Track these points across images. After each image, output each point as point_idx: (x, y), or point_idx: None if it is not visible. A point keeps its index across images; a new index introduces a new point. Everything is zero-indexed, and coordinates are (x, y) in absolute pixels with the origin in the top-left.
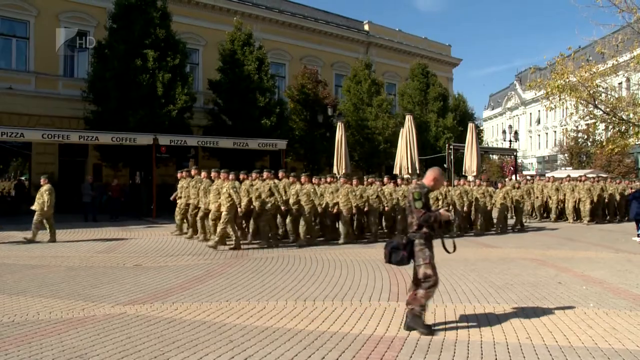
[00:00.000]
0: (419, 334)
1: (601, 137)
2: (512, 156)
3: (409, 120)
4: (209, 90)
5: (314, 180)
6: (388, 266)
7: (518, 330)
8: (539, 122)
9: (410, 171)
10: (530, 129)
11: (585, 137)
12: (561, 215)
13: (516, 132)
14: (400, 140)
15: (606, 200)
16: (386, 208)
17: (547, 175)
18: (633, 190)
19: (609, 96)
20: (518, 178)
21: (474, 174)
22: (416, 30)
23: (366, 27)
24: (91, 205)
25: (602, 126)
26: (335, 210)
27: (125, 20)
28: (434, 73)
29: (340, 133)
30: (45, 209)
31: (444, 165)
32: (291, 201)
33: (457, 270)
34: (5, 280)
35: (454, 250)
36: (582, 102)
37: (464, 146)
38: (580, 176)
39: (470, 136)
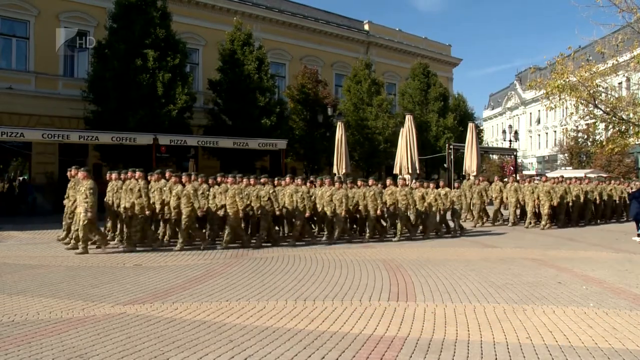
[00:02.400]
0: (419, 334)
1: (601, 137)
2: (512, 156)
3: (409, 120)
4: (209, 90)
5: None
6: (388, 266)
7: (518, 330)
8: (539, 122)
9: (410, 171)
10: (530, 128)
11: (585, 136)
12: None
13: (516, 132)
14: (401, 140)
15: (570, 202)
16: (277, 212)
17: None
18: (633, 190)
19: (609, 96)
20: (517, 177)
21: (474, 173)
22: (416, 30)
23: (366, 27)
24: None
25: (602, 126)
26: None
27: (125, 20)
28: (434, 73)
29: (340, 133)
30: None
31: (444, 165)
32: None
33: (457, 270)
34: (5, 280)
35: None
36: (582, 101)
37: (464, 146)
38: (570, 178)
39: (470, 136)
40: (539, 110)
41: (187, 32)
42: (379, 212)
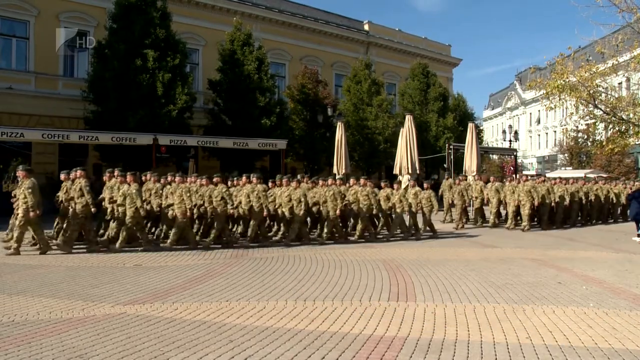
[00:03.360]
0: (419, 334)
1: (601, 137)
2: (512, 156)
3: (409, 120)
4: (208, 90)
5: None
6: (388, 266)
7: (518, 330)
8: (539, 122)
9: (410, 171)
10: (530, 128)
11: (585, 137)
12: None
13: (516, 132)
14: (400, 140)
15: (552, 203)
16: (230, 211)
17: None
18: (633, 191)
19: (609, 96)
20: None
21: (474, 173)
22: (416, 30)
23: (366, 27)
24: None
25: (602, 126)
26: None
27: (125, 20)
28: (434, 73)
29: (340, 133)
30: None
31: (444, 165)
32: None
33: (457, 270)
34: (5, 280)
35: None
36: (582, 102)
37: (464, 146)
38: (567, 178)
39: (470, 136)
40: (539, 111)
41: (187, 32)
42: (337, 212)
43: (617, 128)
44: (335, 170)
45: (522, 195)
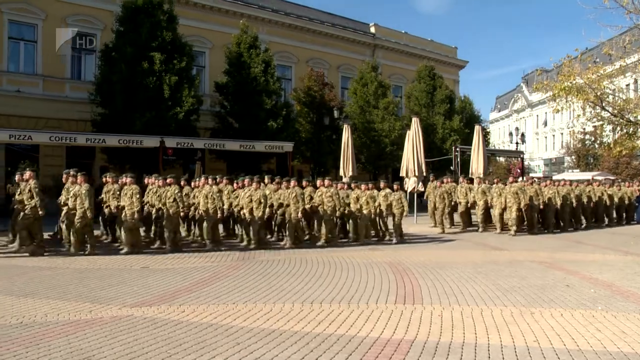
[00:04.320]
0: (426, 337)
1: (609, 139)
2: (519, 158)
3: (415, 122)
4: (215, 92)
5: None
6: (395, 269)
7: (526, 334)
8: (545, 124)
9: (417, 174)
10: (537, 131)
11: (593, 139)
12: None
13: (523, 134)
14: (407, 142)
15: (540, 205)
16: (182, 214)
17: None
18: None
19: (617, 98)
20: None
21: (481, 176)
22: (422, 32)
23: (372, 30)
24: None
25: (609, 128)
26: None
27: (132, 24)
28: (441, 75)
29: (346, 135)
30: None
31: (450, 167)
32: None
33: (464, 272)
34: (14, 282)
35: None
36: (589, 103)
37: (471, 148)
38: (564, 180)
39: (476, 138)
40: (546, 113)
41: (193, 35)
42: (299, 214)
43: (624, 130)
44: (341, 172)
45: (509, 196)
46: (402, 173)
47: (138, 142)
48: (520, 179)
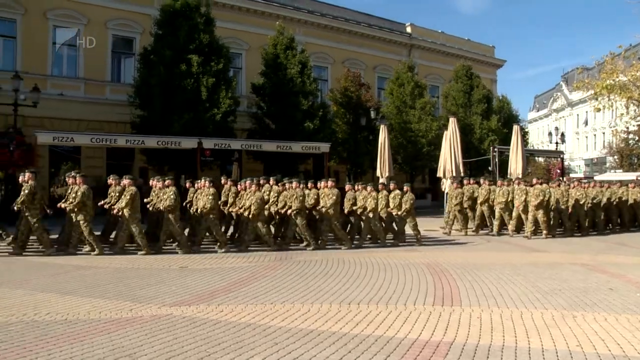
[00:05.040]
0: (465, 339)
1: None
2: (559, 158)
3: (452, 122)
4: (252, 94)
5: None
6: (432, 270)
7: (568, 337)
8: (586, 123)
9: (454, 174)
10: (578, 130)
11: (637, 138)
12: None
13: (562, 134)
14: (444, 142)
15: (568, 208)
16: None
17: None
18: None
19: None
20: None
21: (520, 176)
22: (459, 32)
23: (408, 30)
24: None
25: None
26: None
27: (170, 27)
28: (478, 75)
29: (383, 136)
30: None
31: (488, 168)
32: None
33: (503, 274)
34: (57, 281)
35: None
36: (633, 101)
37: (509, 149)
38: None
39: (515, 138)
40: (587, 112)
41: (230, 37)
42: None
43: None
44: (378, 173)
45: (533, 199)
46: (440, 174)
47: (176, 143)
48: (560, 179)
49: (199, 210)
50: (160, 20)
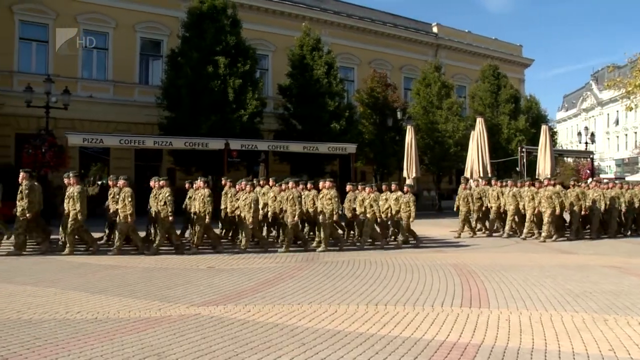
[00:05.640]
0: (493, 341)
1: None
2: (589, 159)
3: (480, 122)
4: (278, 95)
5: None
6: (460, 271)
7: (599, 341)
8: (617, 122)
9: (482, 174)
10: (608, 130)
11: None
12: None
13: (592, 134)
14: (471, 143)
15: (583, 210)
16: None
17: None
18: None
19: None
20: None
21: (548, 177)
22: (486, 31)
23: (435, 29)
24: None
25: None
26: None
27: (197, 29)
28: (505, 74)
29: (410, 136)
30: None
31: (516, 168)
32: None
33: (531, 276)
34: (88, 280)
35: None
36: None
37: (537, 149)
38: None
39: (543, 138)
40: (617, 111)
41: (257, 38)
42: (296, 218)
43: None
44: (405, 174)
45: (543, 201)
46: (467, 174)
47: (203, 144)
48: (589, 180)
49: (195, 212)
50: (187, 22)
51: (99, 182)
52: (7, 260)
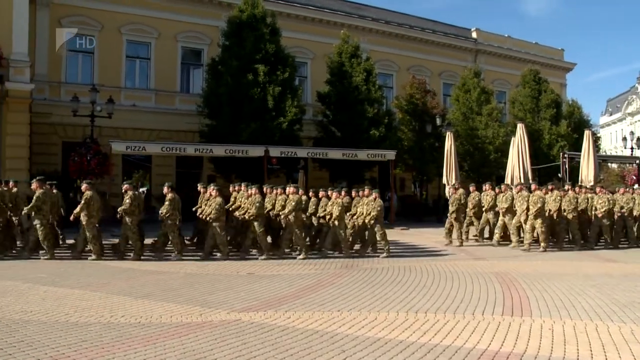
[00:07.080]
0: (536, 351)
1: None
2: (635, 164)
3: (520, 128)
4: (317, 102)
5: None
6: (501, 279)
7: None
8: None
9: (522, 180)
10: None
11: None
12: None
13: (638, 139)
14: (512, 149)
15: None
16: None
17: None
18: None
19: None
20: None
21: (591, 183)
22: (526, 35)
23: (474, 35)
24: None
25: None
26: None
27: (237, 37)
28: (546, 79)
29: (449, 143)
30: None
31: (558, 174)
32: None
33: (575, 285)
34: (132, 285)
35: None
36: None
37: (580, 155)
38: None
39: (586, 144)
40: None
41: (295, 46)
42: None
43: None
44: (444, 180)
45: (531, 207)
46: (507, 180)
47: (243, 151)
48: (635, 186)
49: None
50: (227, 31)
51: (143, 189)
52: (60, 264)
